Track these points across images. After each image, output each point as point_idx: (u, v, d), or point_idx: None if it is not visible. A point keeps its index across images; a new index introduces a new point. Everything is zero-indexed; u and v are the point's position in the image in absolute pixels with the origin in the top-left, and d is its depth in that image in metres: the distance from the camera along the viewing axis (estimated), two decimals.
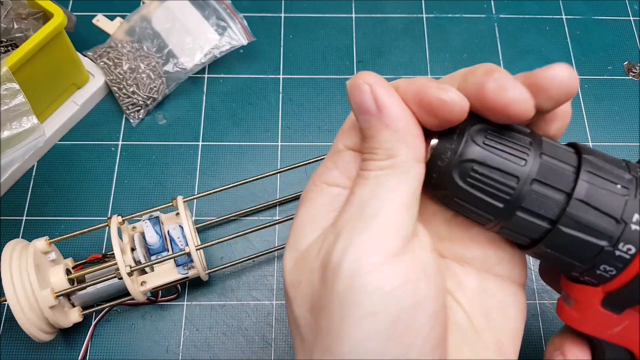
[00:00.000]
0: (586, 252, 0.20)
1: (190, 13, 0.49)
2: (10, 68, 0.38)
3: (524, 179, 0.20)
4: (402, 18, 0.54)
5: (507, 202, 0.20)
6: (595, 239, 0.20)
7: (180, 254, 0.37)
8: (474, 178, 0.20)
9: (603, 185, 0.20)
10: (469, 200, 0.21)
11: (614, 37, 0.53)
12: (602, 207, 0.20)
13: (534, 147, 0.21)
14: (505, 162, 0.20)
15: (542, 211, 0.20)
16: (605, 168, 0.21)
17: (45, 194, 0.46)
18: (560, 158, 0.21)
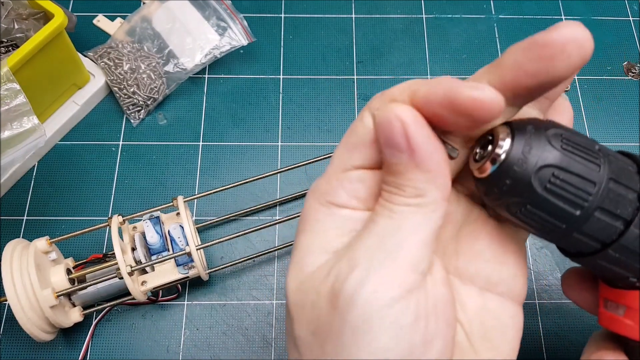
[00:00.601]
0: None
1: (191, 13, 0.49)
2: (11, 68, 0.38)
3: (600, 184, 0.20)
4: (401, 18, 0.54)
5: (583, 208, 0.20)
6: None
7: (180, 253, 0.37)
8: (554, 184, 0.20)
9: None
10: (543, 207, 0.20)
11: (614, 37, 0.54)
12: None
13: (602, 155, 0.21)
14: (584, 168, 0.20)
15: (619, 211, 0.20)
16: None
17: (45, 194, 0.46)
18: (624, 167, 0.21)
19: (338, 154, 0.21)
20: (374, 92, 0.50)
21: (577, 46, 0.18)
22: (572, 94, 0.51)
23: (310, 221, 0.21)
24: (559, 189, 0.20)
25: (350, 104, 0.50)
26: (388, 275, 0.18)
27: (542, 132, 0.20)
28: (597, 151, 0.20)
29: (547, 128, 0.20)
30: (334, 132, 0.49)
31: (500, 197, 0.21)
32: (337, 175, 0.21)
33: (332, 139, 0.48)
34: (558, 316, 0.42)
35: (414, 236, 0.19)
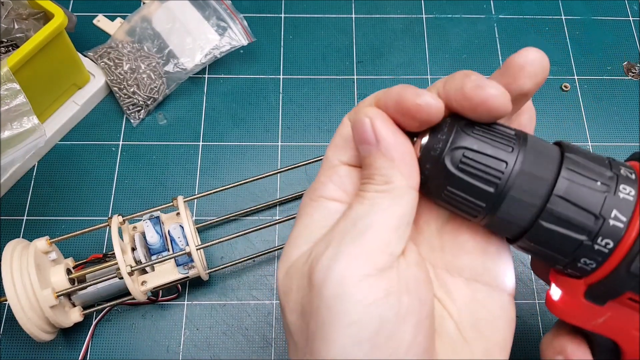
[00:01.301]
0: (566, 246, 0.21)
1: (191, 13, 0.49)
2: (11, 68, 0.38)
3: (512, 163, 0.21)
4: (401, 18, 0.54)
5: (497, 185, 0.21)
6: (574, 234, 0.21)
7: (180, 253, 0.37)
8: (466, 163, 0.21)
9: (583, 182, 0.21)
10: (460, 186, 0.22)
11: (613, 37, 0.54)
12: (582, 203, 0.21)
13: (520, 140, 0.22)
14: (494, 149, 0.21)
15: (529, 199, 0.21)
16: (586, 165, 0.22)
17: (45, 193, 0.46)
18: (544, 152, 0.22)
19: (327, 156, 0.24)
20: (374, 92, 0.50)
21: (535, 66, 0.22)
22: (572, 94, 0.51)
23: (301, 216, 0.23)
24: (471, 167, 0.21)
25: (350, 104, 0.50)
26: (359, 253, 0.20)
27: (456, 122, 0.22)
28: (513, 136, 0.22)
29: (463, 119, 0.22)
30: (333, 132, 0.48)
31: (427, 182, 0.23)
32: (326, 172, 0.24)
33: None
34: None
35: (383, 218, 0.20)
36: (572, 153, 0.22)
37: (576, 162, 0.22)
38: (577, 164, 0.22)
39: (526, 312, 0.42)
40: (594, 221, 0.21)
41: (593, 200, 0.21)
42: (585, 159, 0.22)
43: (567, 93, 0.51)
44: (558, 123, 0.49)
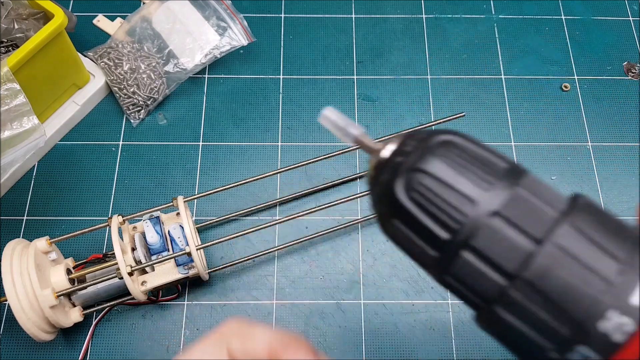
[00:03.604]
0: (530, 351, 0.15)
1: (191, 14, 0.49)
2: (11, 68, 0.38)
3: (483, 207, 0.15)
4: (402, 18, 0.54)
5: (455, 232, 0.15)
6: (542, 339, 0.15)
7: (180, 253, 0.37)
8: (421, 194, 0.16)
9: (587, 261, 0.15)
10: (410, 223, 0.16)
11: (613, 37, 0.54)
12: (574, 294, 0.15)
13: (511, 176, 0.16)
14: (463, 181, 0.16)
15: (499, 259, 0.15)
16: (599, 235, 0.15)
17: (45, 194, 0.46)
18: (543, 198, 0.16)
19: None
20: (374, 91, 0.50)
21: None
22: (572, 94, 0.51)
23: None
24: (426, 200, 0.16)
25: (351, 104, 0.50)
26: None
27: (431, 138, 0.17)
28: (501, 170, 0.16)
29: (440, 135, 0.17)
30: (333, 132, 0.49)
31: (375, 209, 0.17)
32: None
33: (332, 139, 0.48)
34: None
35: None
36: (585, 212, 0.16)
37: (587, 225, 0.15)
38: (588, 226, 0.15)
39: None
40: (573, 327, 0.14)
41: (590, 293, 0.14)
42: (599, 225, 0.15)
43: (567, 93, 0.51)
44: (558, 123, 0.49)
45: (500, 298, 0.15)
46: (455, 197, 0.15)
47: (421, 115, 0.49)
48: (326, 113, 0.20)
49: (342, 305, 0.42)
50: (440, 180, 0.16)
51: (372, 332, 0.41)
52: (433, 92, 0.51)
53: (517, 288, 0.15)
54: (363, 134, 0.19)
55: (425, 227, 0.16)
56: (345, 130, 0.19)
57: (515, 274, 0.15)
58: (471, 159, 0.16)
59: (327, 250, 0.44)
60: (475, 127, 0.49)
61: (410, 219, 0.16)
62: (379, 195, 0.17)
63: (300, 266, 0.43)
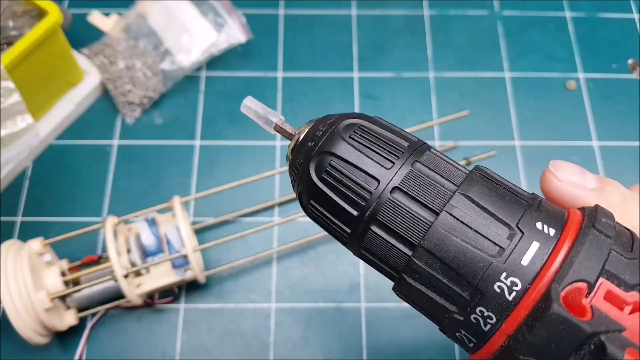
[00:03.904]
0: (436, 312, 0.17)
1: (187, 10, 0.49)
2: (6, 66, 0.38)
3: (384, 183, 0.17)
4: (403, 15, 0.53)
5: (362, 208, 0.17)
6: (446, 302, 0.17)
7: (177, 255, 0.37)
8: (330, 175, 0.18)
9: (476, 226, 0.16)
10: (323, 202, 0.18)
11: (619, 34, 0.53)
12: (461, 259, 0.16)
13: (411, 154, 0.18)
14: (367, 161, 0.17)
15: (403, 231, 0.17)
16: (492, 202, 0.17)
17: (40, 194, 0.45)
18: (441, 172, 0.17)
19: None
20: (375, 90, 0.50)
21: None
22: (578, 92, 0.50)
23: None
24: (336, 181, 0.18)
25: (351, 102, 0.49)
26: None
27: (338, 122, 0.19)
28: (403, 149, 0.18)
29: (347, 119, 0.19)
30: None
31: (295, 192, 0.20)
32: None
33: None
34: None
35: None
36: (479, 182, 0.17)
37: (480, 194, 0.17)
38: (480, 195, 0.17)
39: None
40: (471, 290, 0.16)
41: (483, 257, 0.16)
42: (493, 194, 0.17)
43: (572, 91, 0.50)
44: (562, 121, 0.49)
45: (407, 267, 0.17)
46: (361, 176, 0.17)
47: (423, 114, 0.49)
48: (247, 102, 0.22)
49: (342, 309, 0.41)
50: (346, 161, 0.18)
51: (373, 336, 0.40)
52: (435, 90, 0.50)
53: (419, 257, 0.17)
54: (282, 121, 0.21)
55: (337, 205, 0.18)
56: (265, 118, 0.21)
57: (416, 243, 0.17)
58: (375, 139, 0.18)
59: (327, 252, 0.43)
60: (479, 126, 0.48)
61: (324, 199, 0.18)
62: (295, 178, 0.19)
63: (300, 268, 0.43)
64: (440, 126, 0.48)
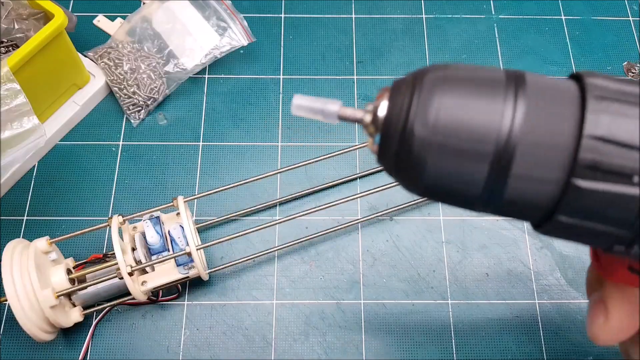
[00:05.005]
0: (622, 211, 0.15)
1: (191, 14, 0.49)
2: (11, 68, 0.38)
3: (508, 116, 0.15)
4: (402, 18, 0.54)
5: (495, 149, 0.15)
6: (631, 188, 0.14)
7: (180, 253, 0.37)
8: (443, 137, 0.16)
9: (625, 112, 0.14)
10: (442, 176, 0.16)
11: (613, 37, 0.54)
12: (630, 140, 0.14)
13: (514, 82, 0.16)
14: (478, 101, 0.15)
15: (550, 154, 0.15)
16: (623, 90, 0.15)
17: (46, 194, 0.46)
18: (553, 97, 0.16)
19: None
20: (374, 92, 0.50)
21: None
22: None
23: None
24: (453, 142, 0.15)
25: (351, 104, 0.50)
26: None
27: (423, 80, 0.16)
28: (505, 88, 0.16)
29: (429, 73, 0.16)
30: (334, 132, 0.49)
31: (397, 175, 0.17)
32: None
33: (332, 139, 0.48)
34: (558, 316, 0.42)
35: None
36: (595, 78, 0.15)
37: (606, 89, 0.15)
38: (607, 90, 0.15)
39: (526, 312, 0.42)
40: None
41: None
42: (616, 83, 0.15)
43: None
44: None
45: (559, 206, 0.15)
46: (479, 120, 0.15)
47: None
48: (297, 101, 0.19)
49: (342, 305, 0.42)
50: (458, 119, 0.15)
51: (372, 332, 0.41)
52: None
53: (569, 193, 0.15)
54: (344, 107, 0.18)
55: (460, 171, 0.15)
56: (324, 110, 0.18)
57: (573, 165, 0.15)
58: (478, 82, 0.16)
59: (327, 250, 0.44)
60: None
61: (442, 169, 0.16)
62: (398, 161, 0.16)
63: (300, 266, 0.43)
64: None
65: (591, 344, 0.41)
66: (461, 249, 0.44)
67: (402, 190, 0.49)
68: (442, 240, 0.44)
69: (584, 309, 0.42)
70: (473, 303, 0.42)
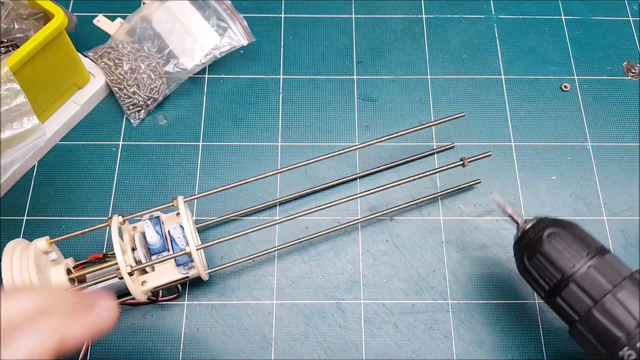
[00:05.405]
0: (607, 339, 0.30)
1: (191, 14, 0.49)
2: (11, 68, 0.38)
3: (566, 277, 0.31)
4: (401, 18, 0.54)
5: (549, 288, 0.32)
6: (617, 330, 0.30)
7: (180, 253, 0.37)
8: (534, 262, 0.32)
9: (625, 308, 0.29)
10: (528, 275, 0.33)
11: (613, 37, 0.54)
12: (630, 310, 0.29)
13: (590, 259, 0.31)
14: (558, 260, 0.31)
15: (574, 305, 0.31)
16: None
17: (46, 194, 0.46)
18: (606, 275, 0.30)
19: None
20: (374, 92, 0.50)
21: None
22: (572, 94, 0.51)
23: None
24: (536, 267, 0.32)
25: (350, 104, 0.50)
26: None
27: (546, 228, 0.33)
28: (584, 255, 0.31)
29: (551, 226, 0.33)
30: (334, 132, 0.49)
31: (517, 254, 0.35)
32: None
33: (332, 139, 0.48)
34: (558, 316, 0.42)
35: None
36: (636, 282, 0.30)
37: (635, 290, 0.29)
38: (635, 291, 0.29)
39: (526, 312, 0.42)
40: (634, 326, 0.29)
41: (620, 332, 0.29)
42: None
43: (566, 93, 0.51)
44: (558, 123, 0.49)
45: (589, 312, 0.31)
46: (553, 269, 0.32)
47: (421, 115, 0.50)
48: (496, 198, 0.37)
49: (342, 305, 0.42)
50: (545, 256, 0.33)
51: (372, 332, 0.41)
52: (433, 92, 0.51)
53: (598, 308, 0.30)
54: (514, 212, 0.36)
55: (536, 280, 0.33)
56: (506, 212, 0.36)
57: (598, 299, 0.30)
58: (568, 243, 0.32)
59: (327, 250, 0.44)
60: (475, 127, 0.49)
61: (529, 274, 0.33)
62: (523, 247, 0.34)
63: (300, 266, 0.43)
64: (437, 127, 0.49)
65: None
66: (461, 249, 0.44)
67: (402, 190, 0.49)
68: (442, 240, 0.44)
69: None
70: (473, 303, 0.42)
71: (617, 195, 0.46)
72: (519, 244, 0.34)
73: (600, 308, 0.29)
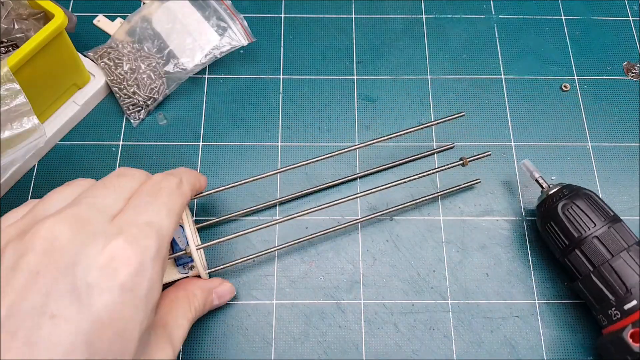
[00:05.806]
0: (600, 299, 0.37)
1: (191, 14, 0.49)
2: (11, 68, 0.38)
3: (574, 243, 0.38)
4: (401, 19, 0.54)
5: (559, 250, 0.39)
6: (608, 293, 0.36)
7: (180, 253, 0.37)
8: (549, 227, 0.39)
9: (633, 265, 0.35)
10: (545, 236, 0.40)
11: (613, 37, 0.54)
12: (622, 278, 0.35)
13: (598, 229, 0.37)
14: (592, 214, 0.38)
15: (592, 258, 0.37)
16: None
17: (45, 194, 0.46)
18: (622, 236, 0.36)
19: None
20: (374, 92, 0.50)
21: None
22: (572, 94, 0.51)
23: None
24: (571, 216, 0.38)
25: (350, 104, 0.50)
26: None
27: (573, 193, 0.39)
28: (606, 218, 0.37)
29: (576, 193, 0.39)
30: (334, 132, 0.49)
31: (539, 216, 0.41)
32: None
33: (332, 139, 0.49)
34: (558, 316, 0.42)
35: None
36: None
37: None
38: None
39: (526, 312, 0.42)
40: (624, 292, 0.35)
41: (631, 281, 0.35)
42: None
43: (566, 93, 0.51)
44: (558, 123, 0.49)
45: (588, 274, 0.37)
46: (585, 219, 0.37)
47: (421, 115, 0.50)
48: (526, 163, 0.44)
49: (342, 305, 0.42)
50: (580, 207, 0.38)
51: (372, 332, 0.41)
52: (433, 92, 0.51)
53: (595, 273, 0.36)
54: (541, 177, 0.42)
55: (566, 228, 0.38)
56: (534, 176, 0.42)
57: (597, 265, 0.36)
58: (595, 203, 0.38)
59: (327, 250, 0.44)
60: (475, 127, 0.49)
61: (559, 223, 0.38)
62: (543, 211, 0.40)
63: (300, 266, 0.43)
64: (437, 127, 0.49)
65: (591, 344, 0.41)
66: (461, 249, 0.44)
67: (402, 190, 0.49)
68: (442, 240, 0.44)
69: (584, 308, 0.42)
70: (473, 303, 0.42)
71: (617, 195, 0.46)
72: (540, 208, 0.40)
73: (597, 273, 0.36)
